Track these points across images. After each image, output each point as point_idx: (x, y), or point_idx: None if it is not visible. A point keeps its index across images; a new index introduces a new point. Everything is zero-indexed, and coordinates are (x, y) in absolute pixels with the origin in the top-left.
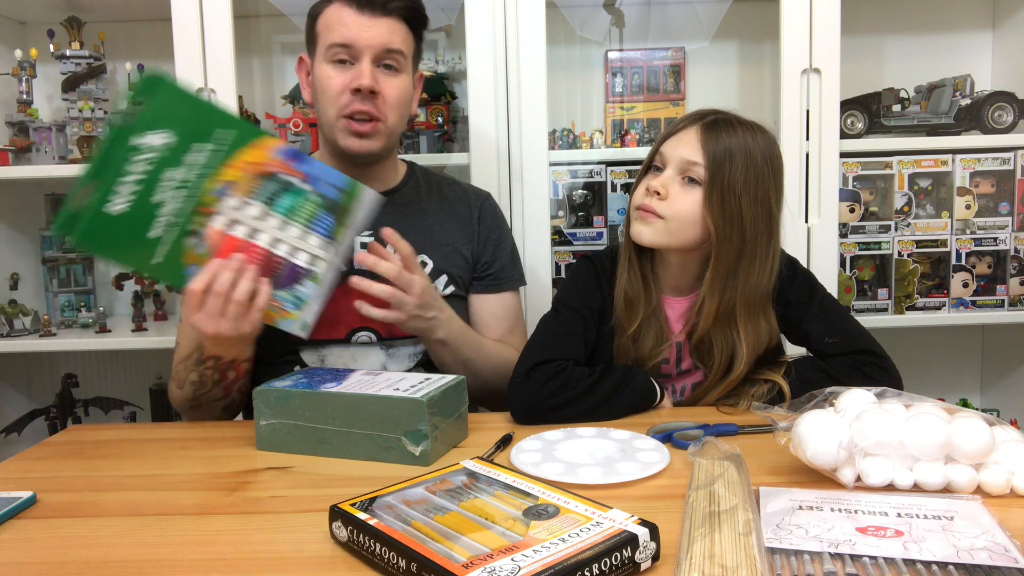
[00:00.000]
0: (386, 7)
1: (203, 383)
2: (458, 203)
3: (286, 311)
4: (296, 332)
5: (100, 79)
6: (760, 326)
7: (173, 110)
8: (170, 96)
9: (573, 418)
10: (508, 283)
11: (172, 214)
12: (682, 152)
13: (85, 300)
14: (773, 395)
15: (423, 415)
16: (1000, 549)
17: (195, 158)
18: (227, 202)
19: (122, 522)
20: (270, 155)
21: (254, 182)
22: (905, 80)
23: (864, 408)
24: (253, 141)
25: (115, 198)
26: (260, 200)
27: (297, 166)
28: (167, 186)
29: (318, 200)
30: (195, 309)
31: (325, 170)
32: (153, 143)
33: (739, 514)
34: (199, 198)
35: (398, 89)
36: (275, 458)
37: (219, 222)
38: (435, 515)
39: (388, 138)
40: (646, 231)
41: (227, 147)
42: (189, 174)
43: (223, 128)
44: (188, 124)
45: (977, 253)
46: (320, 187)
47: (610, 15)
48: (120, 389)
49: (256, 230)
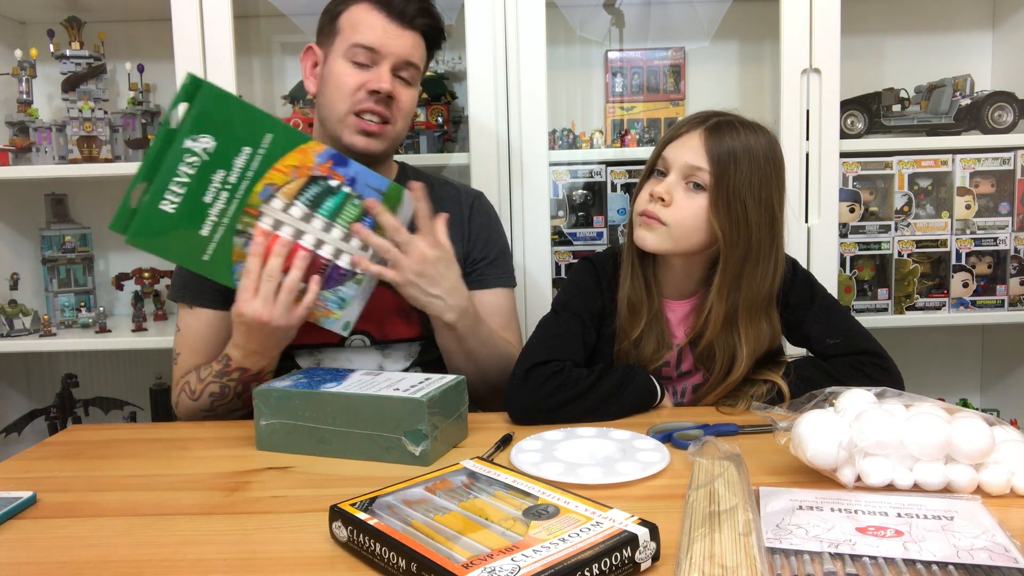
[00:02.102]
0: (414, 22)
1: (224, 395)
2: (450, 202)
3: (329, 311)
4: (338, 331)
5: (100, 79)
6: (761, 329)
7: (221, 114)
8: (217, 100)
9: (572, 418)
10: (496, 280)
11: (220, 214)
12: (686, 157)
13: (85, 300)
14: (773, 395)
15: (423, 415)
16: (1000, 549)
17: (242, 161)
18: (273, 204)
19: (122, 522)
20: (314, 159)
21: (298, 185)
22: (905, 80)
23: (864, 408)
24: (298, 145)
25: (168, 196)
26: (304, 202)
27: (340, 170)
28: (216, 187)
29: (358, 203)
30: (251, 294)
31: (367, 173)
32: (204, 146)
33: (739, 514)
34: (246, 199)
35: (410, 100)
36: (275, 458)
37: (265, 223)
38: (435, 515)
39: (392, 143)
40: (650, 237)
41: (273, 151)
42: (236, 176)
43: (269, 132)
44: (235, 128)
45: (977, 253)
46: (362, 190)
47: (610, 15)
48: (120, 389)
49: (300, 231)
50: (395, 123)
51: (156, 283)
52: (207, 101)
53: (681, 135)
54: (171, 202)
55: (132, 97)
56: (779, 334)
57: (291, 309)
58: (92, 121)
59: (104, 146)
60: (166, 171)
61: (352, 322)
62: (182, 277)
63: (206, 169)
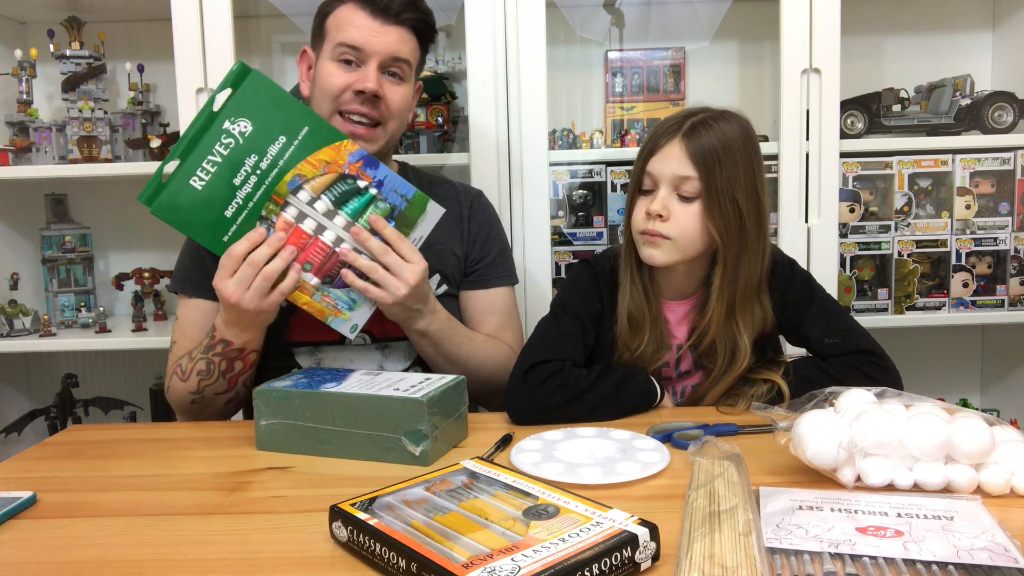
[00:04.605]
0: (399, 16)
1: (210, 372)
2: (450, 202)
3: (339, 310)
4: (345, 332)
5: (100, 79)
6: (756, 314)
7: (263, 101)
8: (261, 88)
9: (572, 418)
10: (497, 279)
11: (247, 198)
12: (671, 169)
13: (85, 300)
14: (773, 395)
15: (423, 415)
16: (1000, 549)
17: (276, 149)
18: (300, 195)
19: (122, 522)
20: (346, 157)
21: (327, 180)
22: (905, 80)
23: (864, 408)
24: (333, 142)
25: (200, 173)
26: (330, 198)
27: (369, 171)
28: (247, 171)
29: (385, 207)
30: (228, 273)
31: (395, 179)
32: (241, 129)
33: (739, 514)
34: (274, 187)
35: (401, 97)
36: (275, 458)
37: (290, 212)
38: (435, 515)
39: (385, 144)
40: (658, 254)
41: (307, 143)
42: (268, 163)
43: (307, 125)
44: (275, 117)
45: (977, 253)
46: (388, 194)
47: (610, 15)
48: (120, 389)
49: (322, 227)
50: (386, 123)
51: (156, 283)
52: (252, 86)
53: (661, 147)
54: (201, 179)
55: (132, 97)
56: (771, 315)
57: (265, 295)
58: (92, 121)
59: (104, 146)
60: (202, 148)
61: (360, 325)
62: (184, 269)
63: (240, 152)
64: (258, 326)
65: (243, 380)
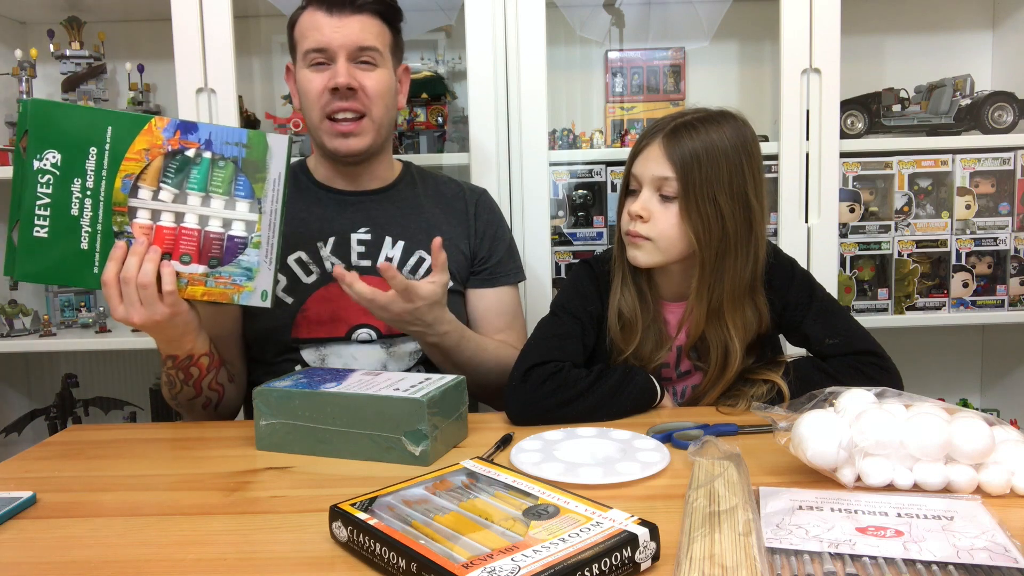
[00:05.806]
0: (355, 4)
1: (172, 383)
2: (455, 200)
3: (239, 285)
4: (257, 303)
5: (100, 79)
6: (747, 315)
7: (56, 124)
8: (49, 113)
9: (572, 419)
10: (505, 277)
11: (92, 222)
12: (652, 170)
13: (85, 300)
14: (773, 395)
15: (423, 415)
16: (1000, 549)
17: (93, 162)
18: (140, 195)
19: (122, 522)
20: (161, 135)
21: (156, 167)
22: (905, 80)
23: (864, 408)
24: (141, 127)
25: (38, 222)
26: (170, 183)
27: (190, 136)
28: (78, 197)
29: (226, 164)
30: (116, 300)
31: (220, 130)
32: (53, 161)
33: (739, 514)
34: (110, 199)
35: (378, 82)
36: (275, 458)
37: (141, 216)
38: (435, 515)
39: (376, 133)
40: (640, 255)
41: (118, 142)
42: (93, 179)
43: (109, 125)
44: (75, 133)
45: (977, 253)
46: (222, 149)
47: (610, 15)
48: (120, 389)
49: (180, 214)
50: (371, 112)
51: None
52: (41, 116)
53: (644, 148)
54: (42, 227)
55: (132, 97)
56: (767, 317)
57: (155, 301)
58: None
59: None
60: (28, 198)
61: (269, 291)
62: None
63: (62, 183)
64: (184, 331)
65: (208, 383)
